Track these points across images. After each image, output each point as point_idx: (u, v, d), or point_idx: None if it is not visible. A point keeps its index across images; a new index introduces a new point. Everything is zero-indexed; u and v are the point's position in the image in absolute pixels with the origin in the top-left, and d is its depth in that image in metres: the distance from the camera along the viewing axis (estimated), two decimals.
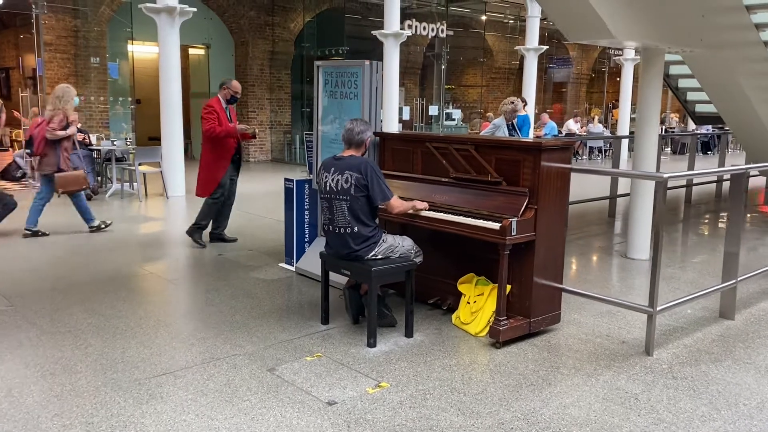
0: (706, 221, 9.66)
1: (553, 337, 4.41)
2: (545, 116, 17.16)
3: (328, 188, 4.28)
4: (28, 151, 7.41)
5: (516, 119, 7.76)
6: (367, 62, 5.12)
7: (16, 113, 12.06)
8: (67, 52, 13.18)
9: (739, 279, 4.81)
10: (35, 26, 10.99)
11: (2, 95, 15.95)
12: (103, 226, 7.65)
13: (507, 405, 3.42)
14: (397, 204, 4.33)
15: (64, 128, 7.14)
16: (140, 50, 15.35)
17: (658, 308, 4.14)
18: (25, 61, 13.12)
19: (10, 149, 13.68)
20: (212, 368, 3.81)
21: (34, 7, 10.84)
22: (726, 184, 11.47)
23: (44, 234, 7.29)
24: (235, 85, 6.79)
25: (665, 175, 4.10)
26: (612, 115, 23.94)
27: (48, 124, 7.02)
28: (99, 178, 11.16)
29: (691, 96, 10.34)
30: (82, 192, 7.49)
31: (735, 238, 4.75)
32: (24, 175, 12.27)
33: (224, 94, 6.73)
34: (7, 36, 15.50)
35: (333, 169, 4.28)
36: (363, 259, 4.22)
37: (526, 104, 9.58)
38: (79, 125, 10.95)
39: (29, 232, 7.24)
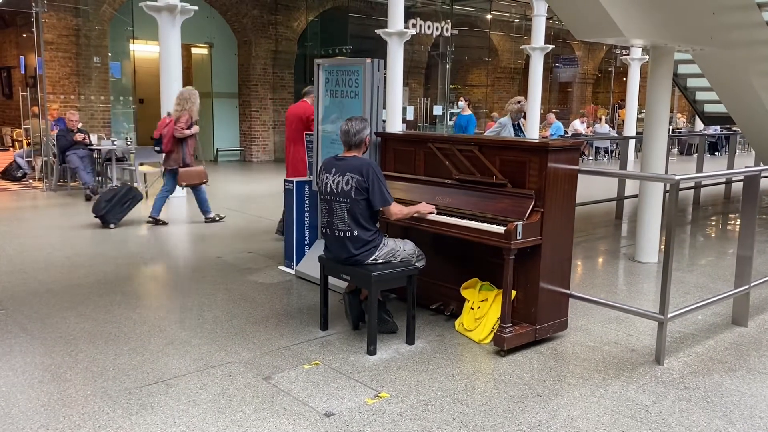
0: (716, 223, 9.50)
1: (559, 345, 4.26)
2: (551, 116, 17.02)
3: (328, 189, 4.15)
4: (157, 148, 8.02)
5: (520, 119, 7.61)
6: (368, 60, 4.98)
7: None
8: (69, 51, 13.10)
9: (752, 284, 4.66)
10: (35, 25, 10.89)
11: (4, 94, 15.89)
12: (217, 218, 8.23)
13: (512, 417, 3.28)
14: (396, 210, 4.18)
15: (189, 127, 7.78)
16: (143, 49, 15.26)
17: (669, 315, 3.99)
18: (26, 60, 13.03)
19: (11, 149, 13.61)
20: (206, 377, 3.68)
21: (34, 5, 10.74)
22: (735, 186, 11.31)
23: (165, 223, 7.96)
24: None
25: (677, 177, 3.95)
26: (618, 116, 23.76)
27: (176, 123, 7.66)
28: (99, 178, 11.05)
29: (700, 96, 10.18)
30: (203, 185, 8.07)
31: (748, 241, 4.59)
32: (24, 175, 12.19)
33: (311, 99, 7.09)
34: (8, 35, 15.43)
35: (334, 170, 4.14)
36: (363, 263, 4.09)
37: (468, 103, 9.37)
38: (79, 125, 10.89)
39: (152, 220, 7.95)
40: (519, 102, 7.51)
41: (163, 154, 8.02)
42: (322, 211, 4.28)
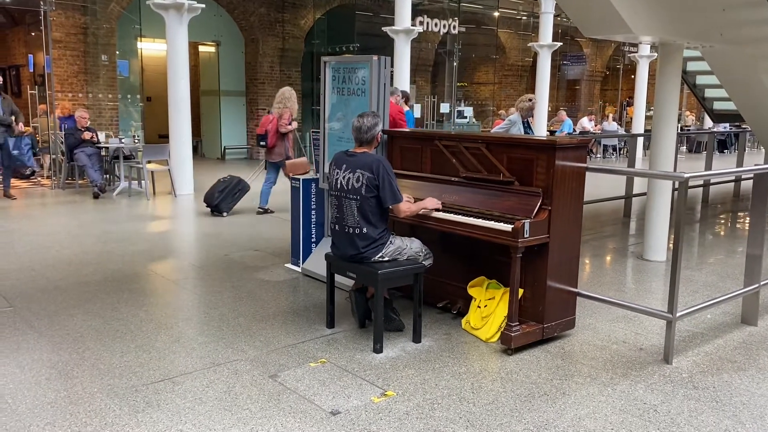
0: (724, 222, 9.43)
1: (567, 344, 4.24)
2: (562, 114, 16.97)
3: (338, 186, 4.13)
4: (262, 143, 8.55)
5: (529, 117, 7.58)
6: (375, 57, 4.96)
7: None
8: (77, 50, 13.13)
9: (762, 283, 4.61)
10: (44, 23, 10.92)
11: (12, 92, 15.95)
12: (270, 211, 8.74)
13: (519, 416, 3.26)
14: (404, 208, 4.17)
15: (289, 123, 8.41)
16: (150, 47, 15.29)
17: (678, 314, 3.96)
18: (35, 58, 13.08)
19: None
20: (212, 374, 3.68)
21: (42, 3, 10.77)
22: (744, 184, 11.23)
23: (272, 212, 8.65)
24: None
25: (686, 175, 3.91)
26: (627, 113, 23.64)
27: (279, 120, 8.27)
28: (107, 176, 11.09)
29: (709, 93, 10.11)
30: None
31: (758, 239, 4.55)
32: (33, 173, 12.23)
33: (396, 98, 7.61)
34: (17, 33, 15.49)
35: (345, 165, 4.13)
36: (369, 261, 4.07)
37: (407, 100, 9.25)
38: (87, 123, 10.92)
39: (262, 210, 8.69)
40: (530, 100, 7.51)
41: (265, 149, 8.60)
42: (331, 207, 4.27)
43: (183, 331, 4.38)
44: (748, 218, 8.69)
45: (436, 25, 15.03)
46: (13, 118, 9.66)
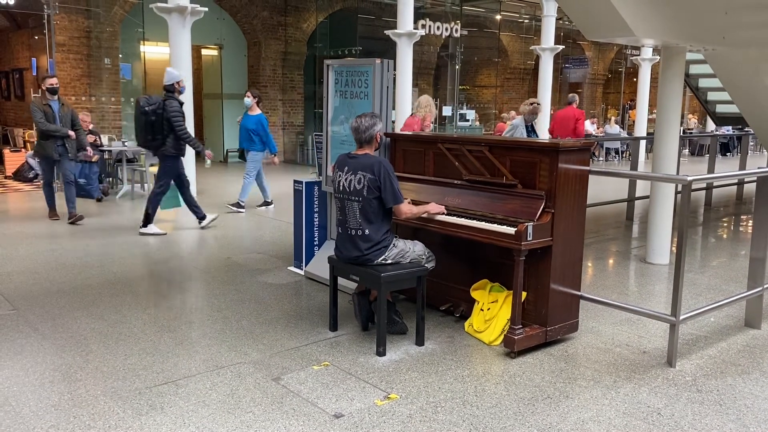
0: (727, 225, 9.41)
1: (570, 347, 4.23)
2: None
3: (341, 188, 4.14)
4: None
5: (532, 121, 7.59)
6: (378, 61, 4.97)
7: None
8: (80, 53, 13.17)
9: (765, 286, 4.60)
10: (47, 27, 10.95)
11: (16, 96, 16.00)
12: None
13: (522, 419, 3.26)
14: (405, 209, 4.17)
15: None
16: (153, 51, 15.32)
17: (682, 317, 3.95)
18: (38, 61, 13.12)
19: (23, 149, 13.71)
20: (215, 377, 3.68)
21: (46, 7, 10.81)
22: (747, 187, 11.21)
23: None
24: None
25: (689, 178, 3.91)
26: (629, 116, 23.62)
27: (423, 122, 8.27)
28: (110, 179, 11.10)
29: (711, 96, 10.09)
30: None
31: (761, 242, 4.54)
32: (36, 176, 12.26)
33: (576, 104, 8.49)
34: (20, 37, 15.54)
35: (346, 168, 4.14)
36: (372, 263, 4.07)
37: (258, 99, 9.22)
38: (90, 126, 10.94)
39: None
40: (531, 104, 7.54)
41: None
42: (335, 209, 4.28)
43: (186, 334, 4.38)
44: (751, 221, 8.68)
45: (438, 28, 15.03)
46: (71, 133, 8.16)
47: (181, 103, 7.41)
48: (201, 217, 7.91)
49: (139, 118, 7.23)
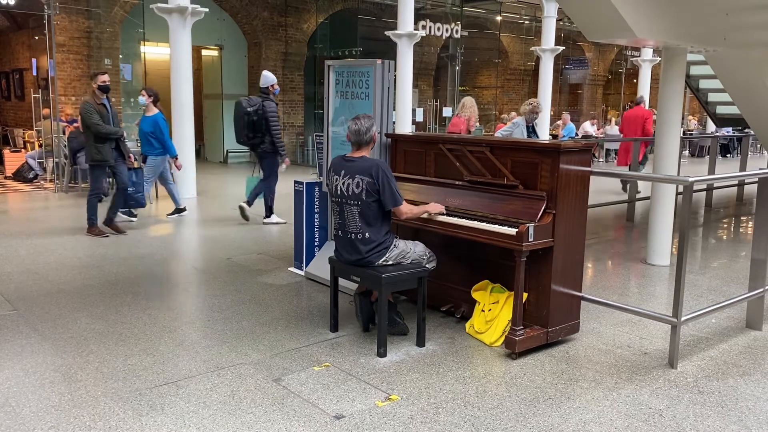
0: (728, 226, 9.41)
1: (571, 348, 4.23)
2: (566, 117, 16.96)
3: (338, 192, 4.13)
4: None
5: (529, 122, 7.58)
6: (378, 61, 4.96)
7: None
8: (80, 53, 13.17)
9: (767, 287, 4.60)
10: (48, 27, 10.95)
11: (16, 96, 16.00)
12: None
13: (524, 420, 3.25)
14: (405, 210, 4.16)
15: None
16: (154, 51, 15.32)
17: (683, 318, 3.95)
18: (39, 62, 13.11)
19: (23, 150, 13.70)
20: (216, 378, 3.67)
21: (46, 7, 10.81)
22: (747, 188, 11.20)
23: None
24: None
25: (691, 179, 3.91)
26: None
27: (468, 122, 8.66)
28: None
29: (712, 97, 10.10)
30: None
31: (762, 244, 4.54)
32: (36, 176, 12.26)
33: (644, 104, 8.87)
34: (20, 37, 15.54)
35: (343, 171, 4.12)
36: (373, 264, 4.07)
37: (154, 98, 8.69)
38: None
39: None
40: (530, 104, 7.53)
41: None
42: (333, 213, 4.27)
43: (186, 335, 4.38)
44: (752, 222, 8.68)
45: (438, 29, 15.05)
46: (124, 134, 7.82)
47: (277, 104, 7.97)
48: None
49: (242, 118, 7.74)
